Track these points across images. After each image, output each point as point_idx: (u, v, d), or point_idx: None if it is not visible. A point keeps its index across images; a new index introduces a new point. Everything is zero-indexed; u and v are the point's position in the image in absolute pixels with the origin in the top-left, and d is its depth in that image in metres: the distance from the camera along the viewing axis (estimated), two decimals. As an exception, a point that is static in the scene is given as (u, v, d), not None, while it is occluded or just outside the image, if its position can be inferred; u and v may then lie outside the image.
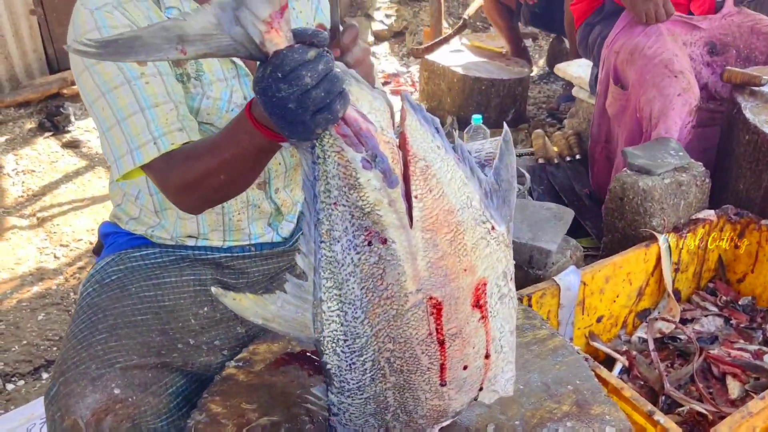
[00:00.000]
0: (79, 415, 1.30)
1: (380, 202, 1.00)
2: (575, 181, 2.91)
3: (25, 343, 2.52)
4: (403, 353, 1.11)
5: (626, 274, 2.02)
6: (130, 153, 1.32)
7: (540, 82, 4.54)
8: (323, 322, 1.07)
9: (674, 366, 1.98)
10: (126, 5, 1.36)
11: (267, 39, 0.93)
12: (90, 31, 1.32)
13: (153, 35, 0.91)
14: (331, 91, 0.93)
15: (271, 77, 0.92)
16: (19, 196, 3.54)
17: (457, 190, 1.06)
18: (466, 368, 1.19)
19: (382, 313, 1.07)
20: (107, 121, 1.34)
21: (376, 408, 1.15)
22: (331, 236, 1.02)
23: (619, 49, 2.57)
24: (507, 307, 1.21)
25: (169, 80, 1.37)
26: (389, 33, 5.37)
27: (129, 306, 1.46)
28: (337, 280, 1.04)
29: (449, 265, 1.08)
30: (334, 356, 1.10)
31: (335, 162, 0.98)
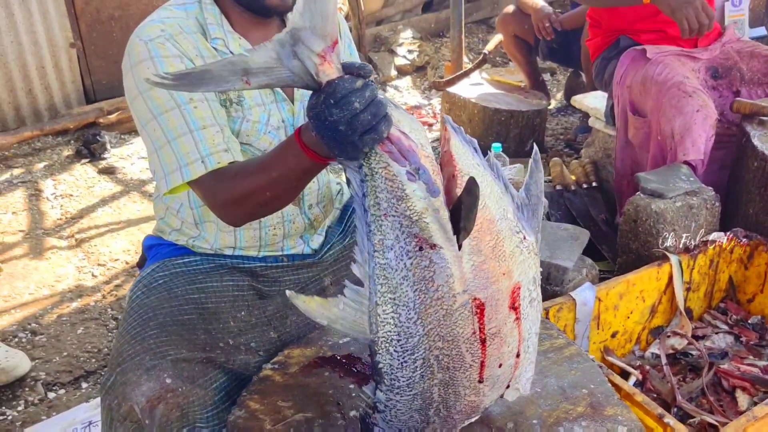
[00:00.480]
0: (135, 401, 1.41)
1: (426, 210, 1.11)
2: (591, 207, 3.02)
3: (65, 355, 2.65)
4: (451, 351, 1.20)
5: (639, 291, 2.12)
6: (179, 170, 1.47)
7: (558, 114, 4.67)
8: (378, 324, 1.16)
9: (686, 380, 2.07)
10: (177, 37, 1.51)
11: (321, 71, 1.07)
12: (144, 60, 1.48)
13: (221, 69, 1.06)
14: (377, 114, 1.07)
15: (324, 103, 1.06)
16: (58, 219, 3.71)
17: (496, 202, 1.19)
18: (500, 366, 1.29)
19: (433, 314, 1.16)
20: (158, 141, 1.49)
21: (422, 404, 1.24)
22: (384, 245, 1.13)
23: (631, 83, 2.69)
24: (535, 310, 1.34)
25: (215, 105, 1.52)
26: (411, 67, 5.54)
27: (176, 306, 1.58)
28: (391, 285, 1.14)
29: (491, 269, 1.19)
30: (387, 355, 1.18)
31: (382, 176, 1.10)
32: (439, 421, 1.30)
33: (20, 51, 4.52)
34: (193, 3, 1.59)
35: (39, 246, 3.43)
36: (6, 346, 2.56)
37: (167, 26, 1.52)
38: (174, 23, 1.53)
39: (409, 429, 1.29)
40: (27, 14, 4.47)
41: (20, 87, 4.59)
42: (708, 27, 2.48)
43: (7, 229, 3.59)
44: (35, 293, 3.05)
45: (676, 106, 2.45)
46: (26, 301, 2.99)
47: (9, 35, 4.45)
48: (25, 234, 3.56)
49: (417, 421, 1.27)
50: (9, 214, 3.75)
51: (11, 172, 4.22)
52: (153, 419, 1.43)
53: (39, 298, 3.02)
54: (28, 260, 3.31)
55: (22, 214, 3.76)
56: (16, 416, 2.36)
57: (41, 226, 3.64)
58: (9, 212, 3.77)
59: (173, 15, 1.56)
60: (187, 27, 1.54)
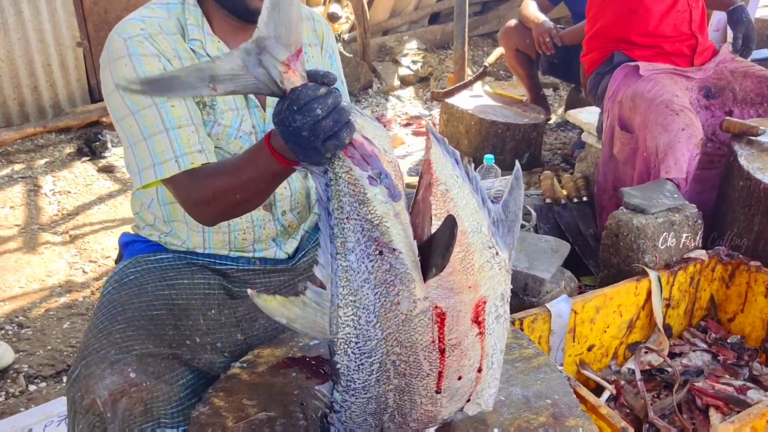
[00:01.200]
0: (98, 395, 1.42)
1: (387, 214, 1.13)
2: (581, 222, 3.02)
3: (49, 349, 2.67)
4: (408, 357, 1.21)
5: (617, 306, 2.12)
6: (153, 167, 1.49)
7: (557, 129, 4.68)
8: (338, 326, 1.18)
9: (660, 396, 2.07)
10: (156, 37, 1.54)
11: (285, 78, 1.10)
12: (122, 57, 1.50)
13: (189, 75, 1.08)
14: (339, 120, 1.09)
15: (288, 110, 1.09)
16: (54, 215, 3.74)
17: (470, 215, 1.19)
18: (460, 378, 1.28)
19: (393, 318, 1.17)
20: (134, 137, 1.51)
21: (376, 408, 1.25)
22: (345, 248, 1.15)
23: (622, 99, 2.70)
24: (501, 327, 1.33)
25: (191, 105, 1.55)
26: (415, 78, 5.57)
27: (145, 302, 1.59)
28: (352, 287, 1.15)
29: (456, 280, 1.19)
30: (345, 357, 1.19)
31: (345, 181, 1.12)
32: (394, 427, 1.30)
33: (27, 48, 4.57)
34: (176, 3, 1.61)
35: (33, 241, 3.46)
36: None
37: (147, 25, 1.54)
38: (154, 22, 1.55)
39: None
40: (35, 12, 4.53)
41: (26, 84, 4.64)
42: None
43: (3, 224, 3.63)
44: (25, 287, 3.08)
45: (662, 124, 2.46)
46: (16, 295, 3.02)
47: (17, 32, 4.50)
48: (21, 228, 3.59)
49: (371, 424, 1.28)
50: (6, 209, 3.79)
51: (12, 168, 4.26)
52: (115, 413, 1.44)
53: (29, 291, 3.05)
54: (21, 254, 3.34)
55: (19, 208, 3.80)
56: (-5, 407, 2.38)
57: (37, 221, 3.67)
58: (7, 207, 3.81)
59: (155, 14, 1.58)
60: (167, 27, 1.56)
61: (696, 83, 2.74)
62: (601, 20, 2.96)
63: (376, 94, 5.44)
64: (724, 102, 2.73)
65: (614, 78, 2.78)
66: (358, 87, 5.37)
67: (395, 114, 5.14)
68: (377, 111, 5.19)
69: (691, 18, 2.78)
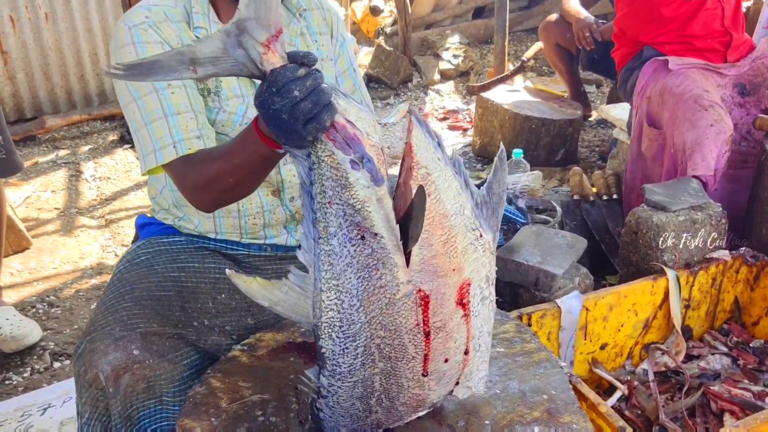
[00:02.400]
0: (101, 369, 1.45)
1: (369, 198, 1.12)
2: (609, 220, 2.96)
3: (75, 328, 2.75)
4: (392, 341, 1.21)
5: (631, 304, 2.08)
6: (153, 153, 1.52)
7: (597, 126, 4.60)
8: (322, 310, 1.18)
9: (674, 399, 2.01)
10: (160, 25, 1.56)
11: (265, 59, 1.09)
12: (126, 44, 1.53)
13: (170, 59, 1.09)
14: (318, 102, 1.07)
15: (267, 92, 1.08)
16: (93, 199, 3.85)
17: (452, 198, 1.18)
18: (446, 361, 1.28)
19: (376, 301, 1.17)
20: (136, 123, 1.54)
21: (363, 392, 1.25)
22: (328, 232, 1.14)
23: (650, 94, 2.64)
24: (487, 308, 1.32)
25: (192, 92, 1.57)
26: (455, 72, 5.54)
27: (154, 282, 1.62)
28: (335, 271, 1.15)
29: (440, 263, 1.19)
30: (329, 341, 1.20)
31: (327, 164, 1.11)
32: (383, 411, 1.30)
33: (75, 37, 4.70)
34: None
35: (70, 224, 3.57)
36: (21, 315, 2.67)
37: (152, 13, 1.57)
38: (160, 10, 1.58)
39: (351, 416, 1.29)
40: (83, 2, 4.66)
41: (73, 72, 4.77)
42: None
43: (44, 206, 3.75)
44: (59, 268, 3.17)
45: (690, 120, 2.39)
46: (49, 275, 3.11)
47: (65, 22, 4.63)
48: (60, 212, 3.70)
49: (359, 409, 1.28)
50: (48, 192, 3.91)
51: (57, 153, 4.40)
52: (117, 388, 1.47)
53: (61, 272, 3.14)
54: (58, 236, 3.44)
55: (60, 192, 3.92)
56: (20, 382, 2.46)
57: (76, 205, 3.78)
58: (48, 190, 3.93)
59: (161, 2, 1.61)
60: (172, 15, 1.59)
61: (730, 80, 2.65)
62: (627, 22, 2.90)
63: (415, 88, 5.43)
64: (760, 99, 2.64)
65: (643, 73, 2.71)
66: (397, 80, 5.36)
67: (433, 108, 5.12)
68: (416, 104, 5.18)
69: (723, 14, 2.69)
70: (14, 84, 4.63)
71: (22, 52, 4.59)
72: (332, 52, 1.80)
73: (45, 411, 2.24)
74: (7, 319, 2.62)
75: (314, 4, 1.78)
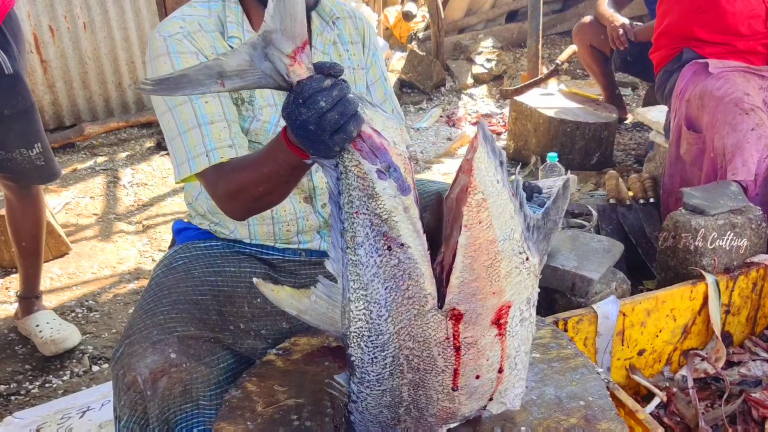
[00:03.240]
0: (139, 372, 1.46)
1: (396, 208, 1.12)
2: (646, 224, 2.92)
3: (114, 332, 2.79)
4: (421, 352, 1.20)
5: (669, 310, 2.04)
6: (187, 162, 1.54)
7: (633, 129, 4.54)
8: (350, 320, 1.18)
9: (714, 406, 1.98)
10: (195, 35, 1.58)
11: (291, 71, 1.10)
12: (161, 55, 1.55)
13: (198, 73, 1.10)
14: (345, 113, 1.08)
15: (294, 103, 1.09)
16: (130, 205, 3.90)
17: (504, 223, 1.15)
18: (478, 378, 1.27)
19: (405, 312, 1.16)
20: (171, 132, 1.57)
21: (391, 401, 1.25)
22: (355, 242, 1.14)
23: (690, 97, 2.60)
24: (526, 330, 1.31)
25: (226, 101, 1.58)
26: (489, 76, 5.51)
27: (191, 287, 1.63)
28: (363, 281, 1.15)
29: (480, 287, 1.17)
30: (358, 350, 1.20)
31: (354, 174, 1.11)
32: (411, 421, 1.29)
33: (112, 46, 4.79)
34: (217, 1, 1.65)
35: (108, 229, 3.63)
36: (60, 320, 2.72)
37: (187, 23, 1.59)
38: (194, 20, 1.60)
39: (380, 424, 1.30)
40: (120, 12, 4.74)
41: (111, 80, 4.86)
42: None
43: (83, 212, 3.82)
44: (97, 273, 3.23)
45: (730, 123, 2.35)
46: (88, 279, 3.17)
47: (102, 31, 4.72)
48: (98, 218, 3.76)
49: (387, 417, 1.28)
50: (87, 198, 3.98)
51: (95, 160, 4.47)
52: (155, 392, 1.48)
53: (100, 277, 3.19)
54: (97, 242, 3.50)
55: (98, 198, 3.99)
56: (60, 385, 2.50)
57: (114, 211, 3.84)
58: (87, 196, 4.00)
59: (195, 12, 1.63)
60: (206, 25, 1.61)
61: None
62: (669, 17, 2.86)
63: (448, 92, 5.42)
64: (806, 105, 2.58)
65: (683, 75, 2.67)
66: (430, 85, 5.36)
67: (466, 112, 5.10)
68: (448, 109, 5.17)
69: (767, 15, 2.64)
70: (54, 92, 4.73)
71: (62, 61, 4.68)
72: (363, 61, 1.80)
73: (84, 414, 2.27)
74: (47, 322, 2.67)
75: (347, 13, 1.79)
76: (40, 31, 4.57)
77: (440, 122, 4.93)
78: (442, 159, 4.31)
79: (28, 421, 2.25)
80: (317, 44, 1.73)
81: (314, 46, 1.72)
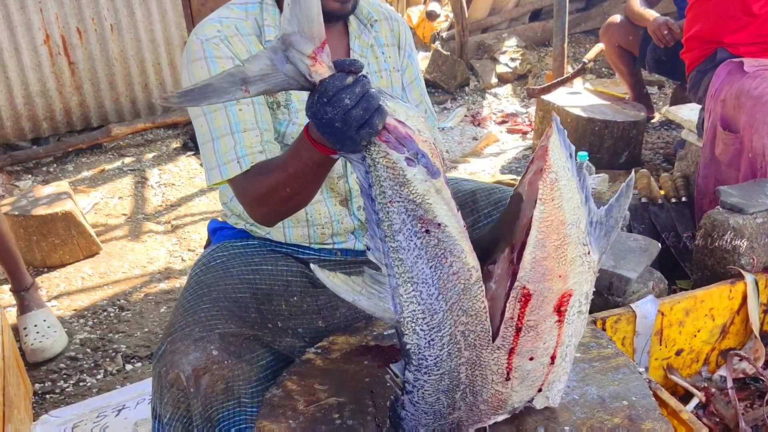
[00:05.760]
0: (182, 369, 1.47)
1: (428, 191, 1.15)
2: (678, 223, 2.89)
3: (146, 331, 2.81)
4: (476, 326, 1.23)
5: (708, 309, 2.02)
6: (218, 167, 1.56)
7: (661, 128, 4.51)
8: (402, 305, 1.20)
9: (753, 407, 1.95)
10: (231, 39, 1.59)
11: (313, 71, 1.13)
12: (198, 59, 1.56)
13: (221, 81, 1.13)
14: (369, 108, 1.11)
15: (318, 102, 1.12)
16: (159, 205, 3.93)
17: (573, 209, 1.21)
18: (532, 359, 1.29)
19: (453, 288, 1.19)
20: (204, 137, 1.58)
21: (449, 384, 1.26)
22: (392, 230, 1.17)
23: (725, 97, 2.57)
24: (581, 322, 1.34)
25: (259, 109, 1.60)
26: (513, 76, 5.49)
27: (231, 285, 1.64)
28: (407, 265, 1.18)
29: (549, 267, 1.21)
30: (414, 335, 1.22)
31: (384, 165, 1.15)
32: (465, 408, 1.30)
33: (139, 48, 4.82)
34: (254, 3, 1.65)
35: (138, 229, 3.65)
36: (52, 320, 2.71)
37: (224, 27, 1.59)
38: (231, 24, 1.60)
39: (434, 413, 1.30)
40: (146, 14, 4.77)
41: (137, 82, 4.89)
42: None
43: (112, 213, 3.85)
44: (128, 272, 3.25)
45: None
46: (119, 279, 3.19)
47: (129, 33, 4.75)
48: (127, 218, 3.79)
49: (443, 404, 1.29)
50: (116, 199, 4.01)
51: (123, 161, 4.51)
52: (198, 389, 1.49)
53: (131, 277, 3.22)
54: (127, 242, 3.53)
55: (127, 199, 4.02)
56: (94, 384, 2.52)
57: (143, 211, 3.87)
58: (116, 197, 4.03)
59: (233, 15, 1.63)
60: (243, 28, 1.61)
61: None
62: (700, 23, 2.84)
63: (472, 92, 5.41)
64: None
65: (717, 75, 2.64)
66: (454, 84, 5.35)
67: (491, 111, 5.09)
68: (473, 108, 5.15)
69: None
70: (81, 94, 4.77)
71: (89, 63, 4.73)
72: (399, 63, 1.81)
73: (119, 412, 2.29)
74: (35, 325, 2.67)
75: (383, 15, 1.79)
76: (68, 34, 4.62)
77: (465, 122, 4.93)
78: (468, 159, 4.30)
79: (64, 419, 2.27)
80: (355, 47, 1.73)
81: (352, 48, 1.72)
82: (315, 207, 1.73)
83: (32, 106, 4.63)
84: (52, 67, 4.63)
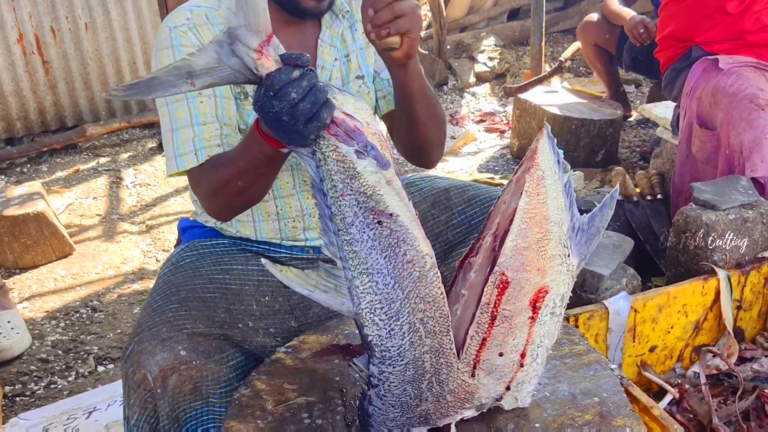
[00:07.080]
0: (149, 370, 1.45)
1: (379, 183, 1.15)
2: (654, 221, 2.90)
3: (119, 332, 2.77)
4: (434, 312, 1.22)
5: (681, 305, 2.02)
6: (175, 158, 1.55)
7: (638, 126, 4.52)
8: (359, 297, 1.19)
9: (727, 403, 1.96)
10: (200, 28, 1.57)
11: (259, 64, 1.12)
12: (166, 47, 1.55)
13: (167, 74, 1.12)
14: (316, 102, 1.09)
15: (265, 96, 1.10)
16: (133, 206, 3.89)
17: (556, 208, 1.21)
18: (501, 355, 1.28)
19: (408, 276, 1.19)
20: (165, 126, 1.57)
21: (414, 374, 1.25)
22: (345, 223, 1.17)
23: (701, 95, 2.58)
24: (553, 323, 1.33)
25: (221, 102, 1.58)
26: (491, 75, 5.50)
27: (199, 284, 1.62)
28: (361, 256, 1.17)
29: (529, 257, 1.22)
30: (374, 326, 1.21)
31: (334, 159, 1.14)
32: (432, 399, 1.29)
33: (114, 47, 4.77)
34: None
35: (112, 230, 3.61)
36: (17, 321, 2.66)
37: (194, 15, 1.57)
38: (201, 12, 1.58)
39: (402, 406, 1.29)
40: (122, 12, 4.72)
41: (113, 81, 4.84)
42: None
43: (86, 213, 3.80)
44: (101, 273, 3.21)
45: (746, 119, 2.33)
46: (92, 280, 3.15)
47: (104, 32, 4.71)
48: (102, 218, 3.75)
49: (410, 395, 1.28)
50: (90, 199, 3.96)
51: (98, 161, 4.46)
52: (165, 389, 1.47)
53: (104, 277, 3.18)
54: (100, 242, 3.49)
55: (102, 199, 3.97)
56: (66, 386, 2.49)
57: (117, 211, 3.83)
58: (90, 197, 3.99)
59: (205, 4, 1.61)
60: (213, 17, 1.59)
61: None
62: (673, 23, 2.85)
63: (451, 91, 5.40)
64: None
65: (692, 73, 2.64)
66: (433, 84, 5.34)
67: (469, 110, 5.08)
68: (451, 108, 5.15)
69: None
70: (55, 93, 4.71)
71: (63, 62, 4.67)
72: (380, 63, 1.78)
73: (90, 414, 2.25)
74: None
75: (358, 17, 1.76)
76: (42, 32, 4.56)
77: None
78: (446, 157, 4.29)
79: (33, 422, 2.24)
80: (325, 37, 1.71)
81: (321, 39, 1.70)
82: (286, 200, 1.71)
83: (5, 106, 4.57)
84: (26, 67, 4.57)
